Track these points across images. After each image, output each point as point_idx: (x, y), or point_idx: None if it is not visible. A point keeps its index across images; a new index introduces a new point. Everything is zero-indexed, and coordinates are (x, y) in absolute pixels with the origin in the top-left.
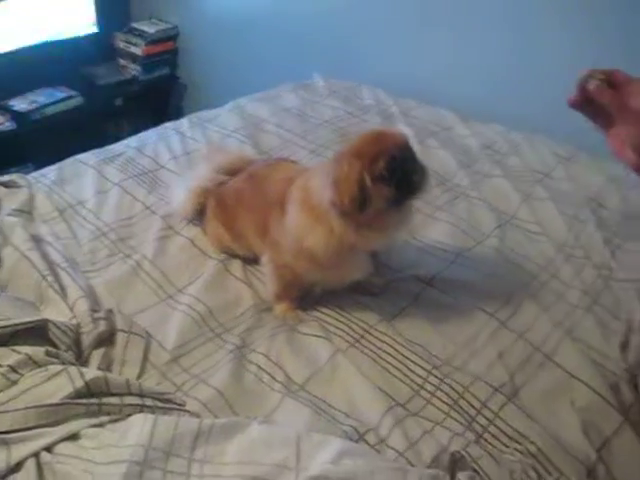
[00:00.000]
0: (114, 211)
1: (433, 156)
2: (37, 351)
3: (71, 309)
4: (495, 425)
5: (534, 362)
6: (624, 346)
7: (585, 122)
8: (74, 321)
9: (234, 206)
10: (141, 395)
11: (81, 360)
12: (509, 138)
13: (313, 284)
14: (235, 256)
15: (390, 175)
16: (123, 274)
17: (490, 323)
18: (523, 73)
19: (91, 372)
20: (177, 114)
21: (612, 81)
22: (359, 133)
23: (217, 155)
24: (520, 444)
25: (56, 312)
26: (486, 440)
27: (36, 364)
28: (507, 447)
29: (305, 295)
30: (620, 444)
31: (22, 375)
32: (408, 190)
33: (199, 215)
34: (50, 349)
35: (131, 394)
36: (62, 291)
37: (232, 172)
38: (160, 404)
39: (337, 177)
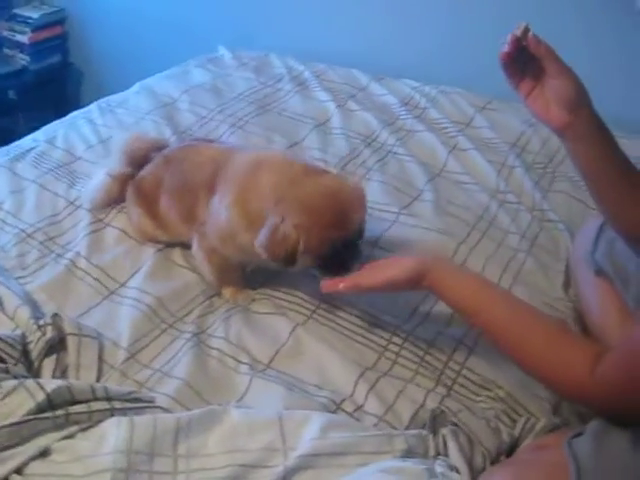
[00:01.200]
0: (36, 210)
1: (355, 118)
2: None
3: (11, 319)
4: (463, 376)
5: None
6: (566, 285)
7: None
8: (18, 331)
9: (154, 193)
10: (108, 398)
11: (32, 371)
12: (424, 92)
13: (244, 264)
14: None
15: (323, 257)
16: (59, 275)
17: None
18: (429, 28)
19: (51, 382)
20: (76, 103)
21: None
22: (324, 183)
23: (129, 142)
24: (489, 390)
25: None
26: (456, 392)
27: None
28: (478, 395)
29: (246, 273)
30: None
31: None
32: (334, 271)
33: (114, 205)
34: None
35: (97, 399)
36: None
37: (144, 158)
38: (130, 405)
39: (272, 235)
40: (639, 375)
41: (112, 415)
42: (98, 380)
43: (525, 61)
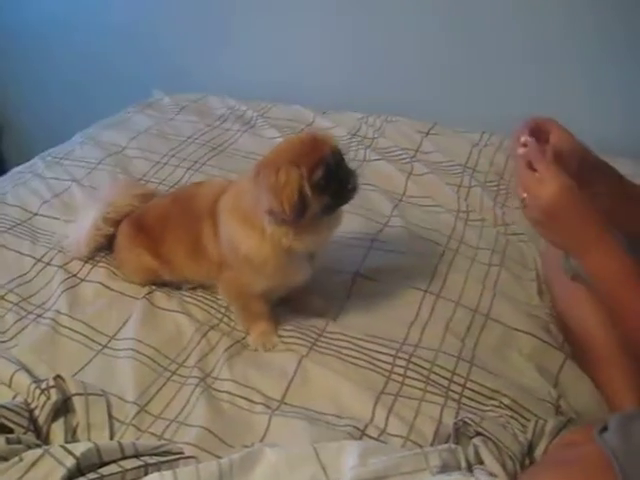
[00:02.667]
0: (2, 271)
1: None
2: None
3: (8, 386)
4: (468, 388)
5: (477, 324)
6: (540, 292)
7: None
8: (19, 398)
9: (160, 230)
10: (137, 455)
11: (42, 438)
12: (370, 123)
13: (263, 294)
14: (161, 285)
15: (327, 184)
16: (43, 336)
17: (427, 298)
18: (370, 60)
19: (79, 445)
20: None
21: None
22: (285, 139)
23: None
24: (495, 399)
25: None
26: (465, 404)
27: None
28: (485, 405)
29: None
30: (567, 377)
31: None
32: (343, 197)
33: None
34: (9, 436)
35: (125, 457)
36: None
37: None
38: (162, 458)
39: (275, 185)
40: None
41: (146, 472)
42: (111, 438)
43: None
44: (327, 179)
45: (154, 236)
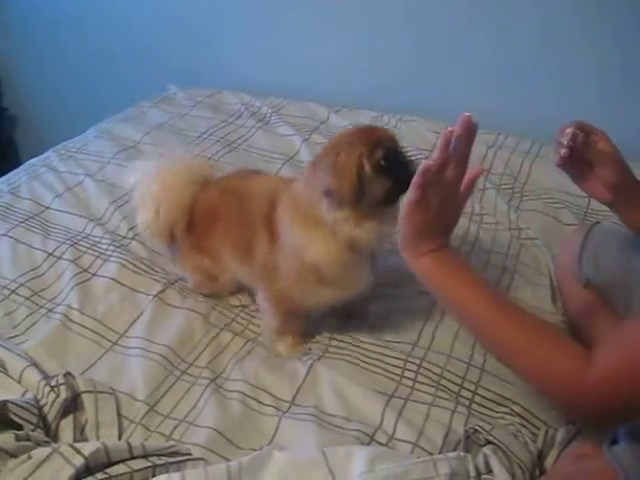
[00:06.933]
0: (13, 265)
1: None
2: (6, 439)
3: (18, 382)
4: (479, 395)
5: None
6: (554, 299)
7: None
8: (29, 395)
9: (208, 225)
10: (145, 455)
11: (50, 434)
12: (384, 121)
13: (317, 307)
14: (172, 283)
15: (388, 166)
16: (54, 331)
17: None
18: (384, 59)
19: (88, 445)
20: (11, 149)
21: (585, 131)
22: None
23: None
24: (506, 407)
25: (3, 390)
26: (476, 410)
27: (8, 454)
28: (496, 412)
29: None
30: None
31: None
32: (403, 182)
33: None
34: (18, 433)
35: (134, 457)
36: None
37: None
38: (170, 459)
39: (334, 165)
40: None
41: (154, 474)
42: (120, 436)
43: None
44: (387, 160)
45: (201, 232)
